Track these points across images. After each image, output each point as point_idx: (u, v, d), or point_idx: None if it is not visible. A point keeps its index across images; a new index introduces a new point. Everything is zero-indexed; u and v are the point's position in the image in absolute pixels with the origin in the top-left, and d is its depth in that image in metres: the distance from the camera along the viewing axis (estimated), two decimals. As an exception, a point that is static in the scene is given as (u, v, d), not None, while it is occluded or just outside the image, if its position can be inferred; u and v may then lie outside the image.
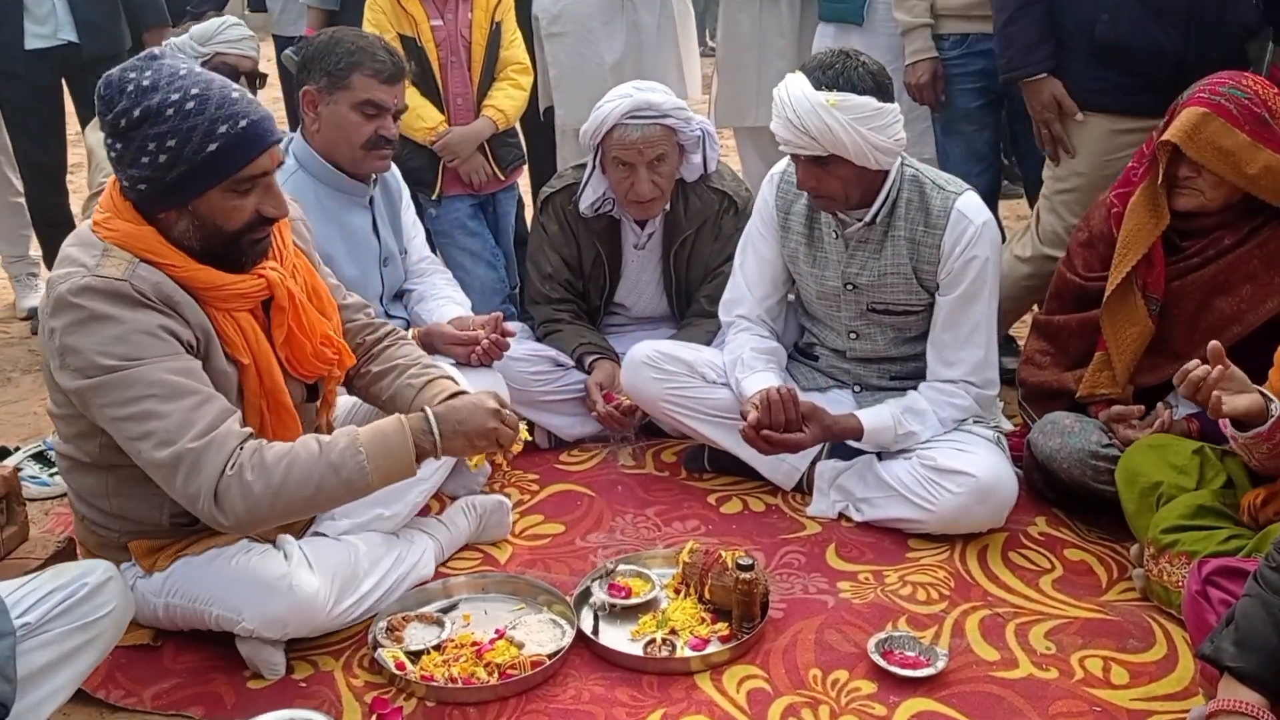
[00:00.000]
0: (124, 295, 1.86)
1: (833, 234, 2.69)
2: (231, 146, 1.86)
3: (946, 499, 2.51)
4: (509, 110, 3.61)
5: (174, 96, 1.84)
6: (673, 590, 2.35)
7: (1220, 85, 2.38)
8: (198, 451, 1.85)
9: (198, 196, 1.89)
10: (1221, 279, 2.47)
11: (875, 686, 2.09)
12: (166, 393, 1.85)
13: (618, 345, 3.19)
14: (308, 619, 2.11)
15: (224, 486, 1.85)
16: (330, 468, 1.91)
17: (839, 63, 2.47)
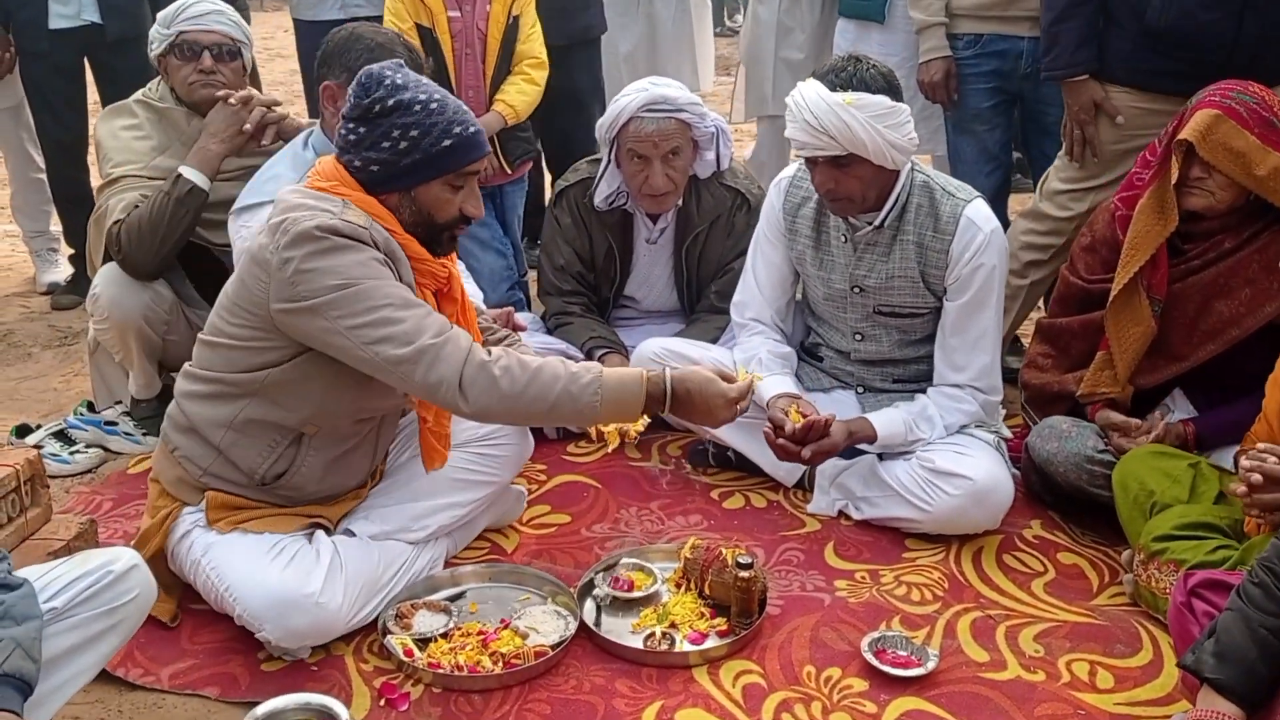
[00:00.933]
0: (364, 239, 2.08)
1: (841, 237, 2.74)
2: (462, 145, 2.14)
3: (944, 501, 2.57)
4: (519, 106, 3.64)
5: (421, 96, 2.12)
6: (674, 584, 2.42)
7: (1230, 90, 2.43)
8: (438, 346, 2.05)
9: (423, 184, 2.16)
10: (1221, 282, 2.52)
11: (867, 684, 2.16)
12: (401, 303, 2.07)
13: (627, 338, 3.25)
14: (326, 633, 2.21)
15: (470, 376, 2.05)
16: (569, 395, 2.09)
17: (850, 66, 2.52)
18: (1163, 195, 2.50)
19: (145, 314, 2.96)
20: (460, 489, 2.46)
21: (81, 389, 3.50)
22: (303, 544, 2.25)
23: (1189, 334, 2.56)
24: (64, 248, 4.45)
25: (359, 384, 2.20)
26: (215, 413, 2.23)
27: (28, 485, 2.34)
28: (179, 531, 2.27)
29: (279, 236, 2.08)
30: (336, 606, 2.19)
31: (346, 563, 2.25)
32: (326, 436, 2.28)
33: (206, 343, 2.25)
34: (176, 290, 3.08)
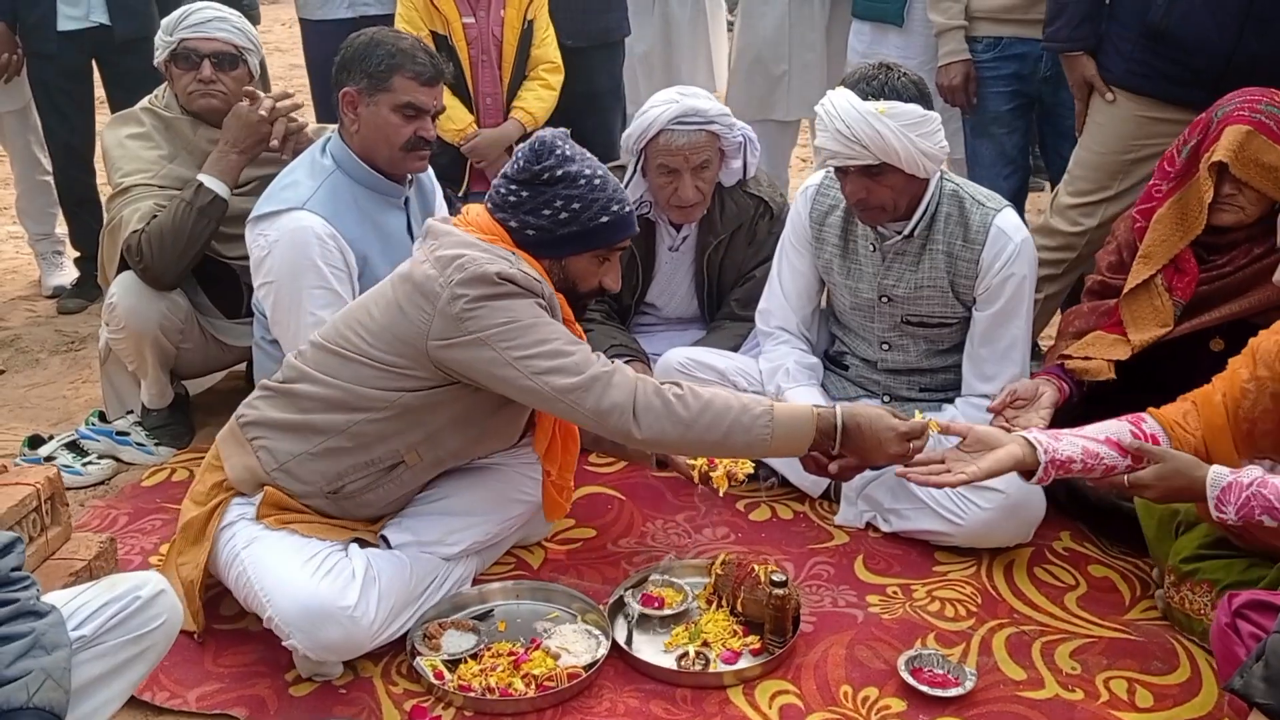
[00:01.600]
0: (537, 292, 2.17)
1: (870, 246, 2.71)
2: (618, 223, 2.24)
3: (975, 514, 2.54)
4: (538, 112, 3.60)
5: (586, 171, 2.22)
6: (704, 601, 2.39)
7: (1258, 102, 2.41)
8: (609, 374, 2.12)
9: (575, 255, 2.25)
10: (1244, 287, 2.51)
11: (905, 705, 2.13)
12: (568, 340, 2.16)
13: (647, 345, 3.21)
14: (356, 648, 2.17)
15: (644, 403, 2.10)
16: (741, 426, 2.12)
17: (881, 74, 2.49)
18: (1183, 207, 2.49)
19: (162, 323, 2.93)
20: (496, 506, 2.45)
21: (90, 396, 3.46)
22: (340, 555, 2.22)
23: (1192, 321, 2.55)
24: (69, 250, 4.39)
25: (484, 423, 2.28)
26: (329, 418, 2.23)
27: (48, 504, 2.31)
28: (224, 520, 2.25)
29: (452, 272, 2.12)
30: (369, 621, 2.15)
31: (380, 576, 2.21)
32: (422, 468, 2.31)
33: (334, 353, 2.24)
34: (192, 300, 3.04)
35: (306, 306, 2.62)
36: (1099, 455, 2.13)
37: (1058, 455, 2.12)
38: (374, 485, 2.28)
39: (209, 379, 3.45)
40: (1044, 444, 2.12)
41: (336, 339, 2.25)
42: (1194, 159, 2.48)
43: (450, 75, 2.94)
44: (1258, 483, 1.98)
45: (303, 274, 2.61)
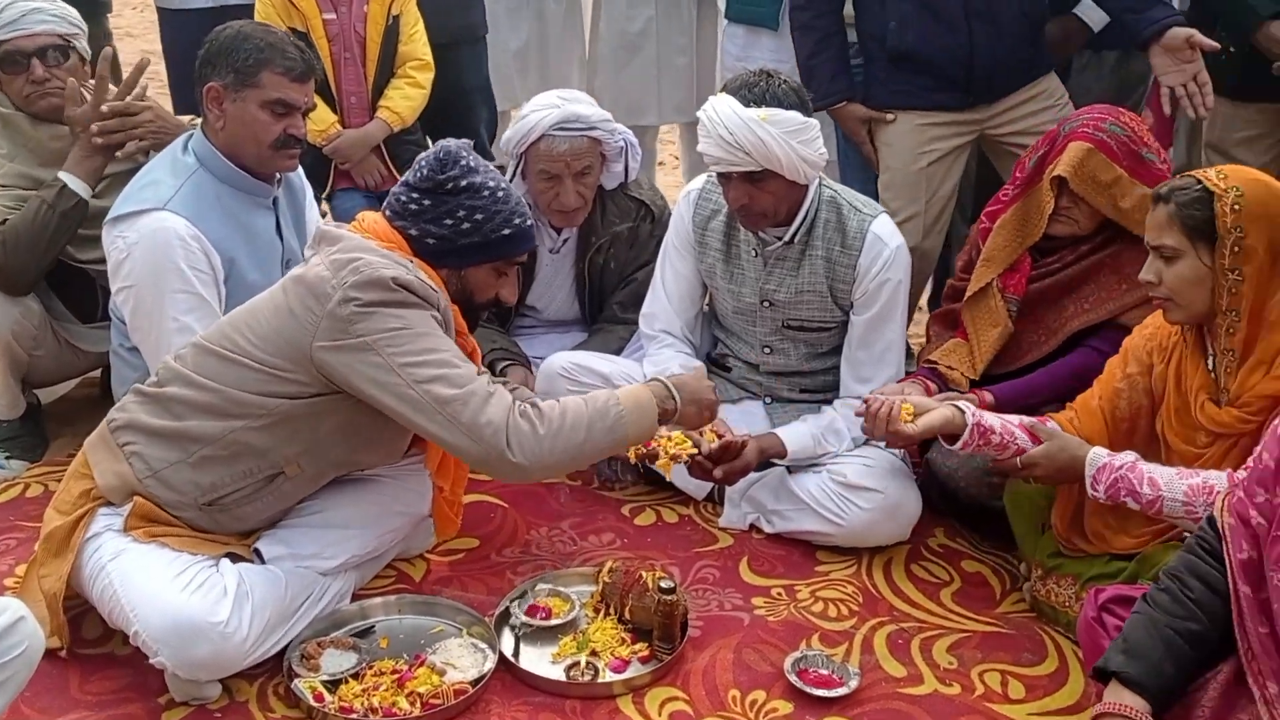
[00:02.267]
0: (433, 303, 2.14)
1: (751, 252, 2.73)
2: (519, 236, 2.25)
3: (856, 514, 2.59)
4: (405, 112, 3.52)
5: (490, 183, 2.22)
6: (592, 609, 2.37)
7: (1102, 121, 2.51)
8: (487, 392, 2.10)
9: (475, 265, 2.24)
10: (1075, 284, 2.62)
11: (792, 707, 2.16)
12: (457, 356, 2.14)
13: (528, 348, 3.18)
14: (227, 665, 2.08)
15: (514, 424, 2.08)
16: (597, 414, 2.16)
17: (763, 81, 2.51)
18: (1025, 214, 2.61)
19: (14, 329, 2.77)
20: (376, 518, 2.37)
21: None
22: (211, 570, 2.12)
23: (1037, 328, 2.67)
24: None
25: (368, 435, 2.22)
26: (205, 425, 2.15)
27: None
28: (90, 531, 2.13)
29: (347, 274, 2.08)
30: (241, 638, 2.07)
31: (253, 591, 2.12)
32: (303, 480, 2.24)
33: (217, 355, 2.17)
34: (45, 304, 2.87)
35: (169, 312, 2.49)
36: (1014, 434, 2.28)
37: (983, 422, 2.26)
38: (251, 497, 2.19)
39: (62, 387, 3.27)
40: (970, 410, 2.27)
41: (221, 340, 2.18)
42: (1040, 169, 2.58)
43: (322, 71, 2.85)
44: (1127, 466, 2.12)
45: (164, 278, 2.49)
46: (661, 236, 2.97)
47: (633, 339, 3.10)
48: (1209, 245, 2.05)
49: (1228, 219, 2.02)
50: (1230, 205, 2.02)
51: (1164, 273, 2.10)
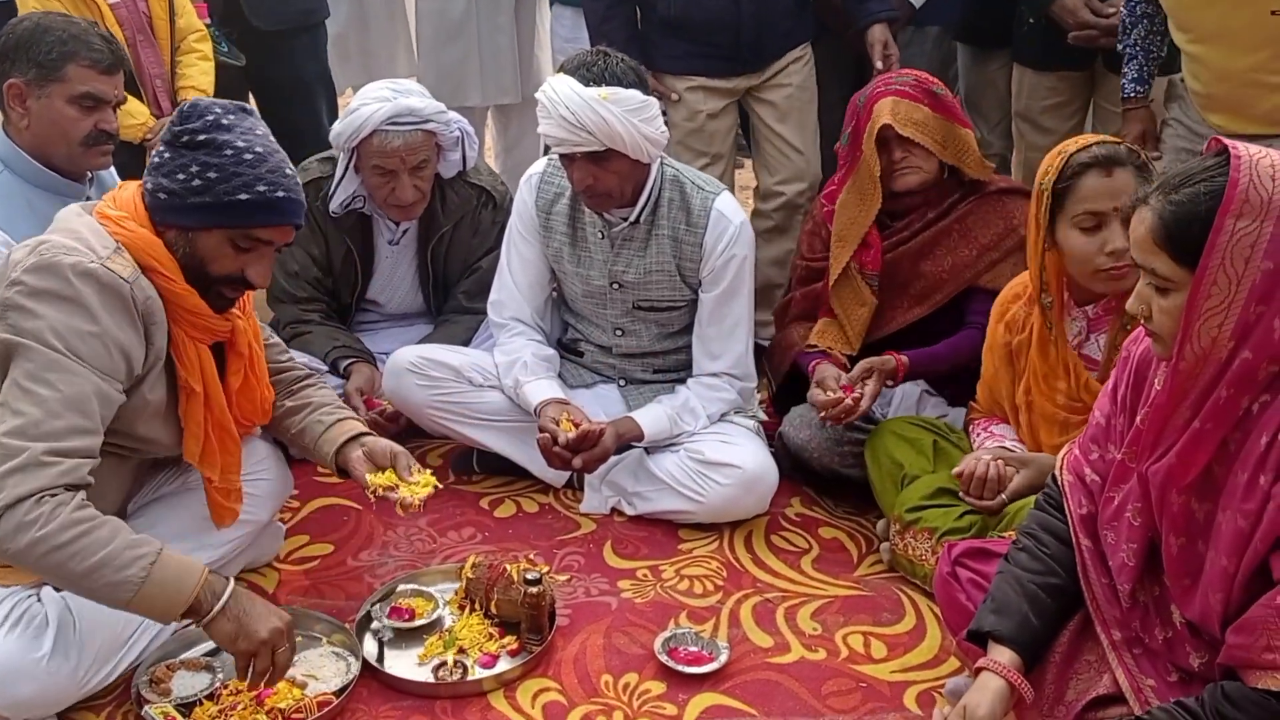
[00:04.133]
0: (119, 295, 1.90)
1: (598, 234, 2.71)
2: (257, 204, 1.97)
3: (716, 490, 2.61)
4: (207, 86, 3.35)
5: (239, 143, 1.96)
6: (456, 607, 2.32)
7: (890, 79, 2.67)
8: (31, 461, 1.79)
9: (202, 229, 1.98)
10: (928, 248, 2.73)
11: (665, 686, 2.16)
12: (67, 401, 1.84)
13: (371, 344, 3.08)
14: (56, 703, 1.96)
15: (22, 509, 1.77)
16: (104, 579, 1.80)
17: (600, 60, 2.50)
18: (859, 187, 2.69)
19: None
20: (210, 526, 2.24)
21: None
22: (31, 601, 1.97)
23: (903, 297, 2.77)
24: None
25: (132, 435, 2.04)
26: None
27: None
28: None
29: (30, 255, 1.88)
30: (70, 671, 1.94)
31: (80, 619, 1.98)
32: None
33: None
34: None
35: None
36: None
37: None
38: None
39: None
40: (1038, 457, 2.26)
41: None
42: (855, 142, 2.67)
43: (130, 62, 2.68)
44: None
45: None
46: (504, 222, 2.93)
47: (481, 328, 3.05)
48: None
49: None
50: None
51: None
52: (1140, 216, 1.54)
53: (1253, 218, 1.42)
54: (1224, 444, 1.53)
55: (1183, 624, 1.66)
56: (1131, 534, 1.65)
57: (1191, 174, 1.50)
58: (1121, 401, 1.74)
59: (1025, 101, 3.43)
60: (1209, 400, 1.50)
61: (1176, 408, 1.54)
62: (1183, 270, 1.49)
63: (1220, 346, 1.47)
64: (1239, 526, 1.50)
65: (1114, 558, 1.70)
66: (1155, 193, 1.52)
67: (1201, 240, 1.44)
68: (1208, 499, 1.57)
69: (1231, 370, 1.48)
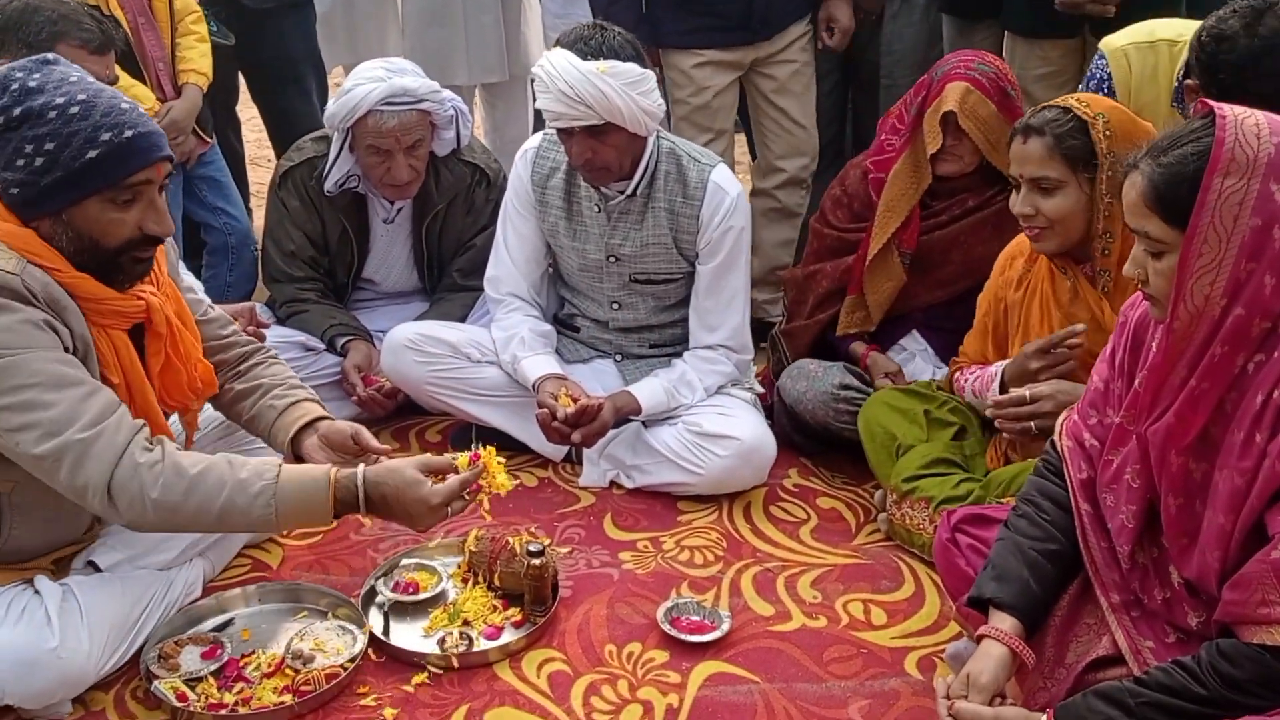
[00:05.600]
0: (14, 290, 1.76)
1: (594, 207, 2.72)
2: (112, 155, 1.79)
3: (714, 462, 2.63)
4: (207, 69, 3.35)
5: (58, 100, 1.77)
6: (460, 580, 2.34)
7: (972, 62, 2.61)
8: (86, 442, 1.76)
9: (72, 205, 1.81)
10: (962, 238, 2.73)
11: (668, 654, 2.18)
12: (53, 382, 1.77)
13: (368, 322, 3.09)
14: (78, 685, 1.96)
15: (121, 480, 1.78)
16: (237, 508, 1.84)
17: (597, 34, 2.50)
18: (916, 160, 2.67)
19: None
20: None
21: None
22: (29, 596, 1.97)
23: (927, 280, 2.78)
24: None
25: None
26: None
27: None
28: None
29: None
30: (84, 656, 1.94)
31: (86, 606, 1.99)
32: (32, 492, 1.92)
33: None
34: None
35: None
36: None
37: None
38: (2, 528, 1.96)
39: None
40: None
41: None
42: (919, 115, 2.66)
43: (121, 42, 2.67)
44: None
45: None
46: (498, 200, 2.93)
47: (477, 305, 3.06)
48: (1089, 173, 2.16)
49: (1103, 144, 2.12)
50: (1103, 131, 2.13)
51: (1042, 204, 2.18)
52: (1131, 181, 1.56)
53: (1240, 175, 1.44)
54: (1220, 404, 1.55)
55: (1181, 584, 1.68)
56: (1130, 496, 1.67)
57: (1179, 136, 1.53)
58: (1120, 366, 1.76)
59: (1018, 71, 3.40)
60: (1204, 359, 1.52)
61: (1173, 368, 1.56)
62: (1174, 231, 1.51)
63: (1213, 304, 1.49)
64: (1236, 484, 1.53)
65: (1113, 520, 1.72)
66: (1145, 157, 1.55)
67: (1191, 200, 1.47)
68: (1205, 459, 1.59)
69: (1225, 328, 1.50)
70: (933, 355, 2.83)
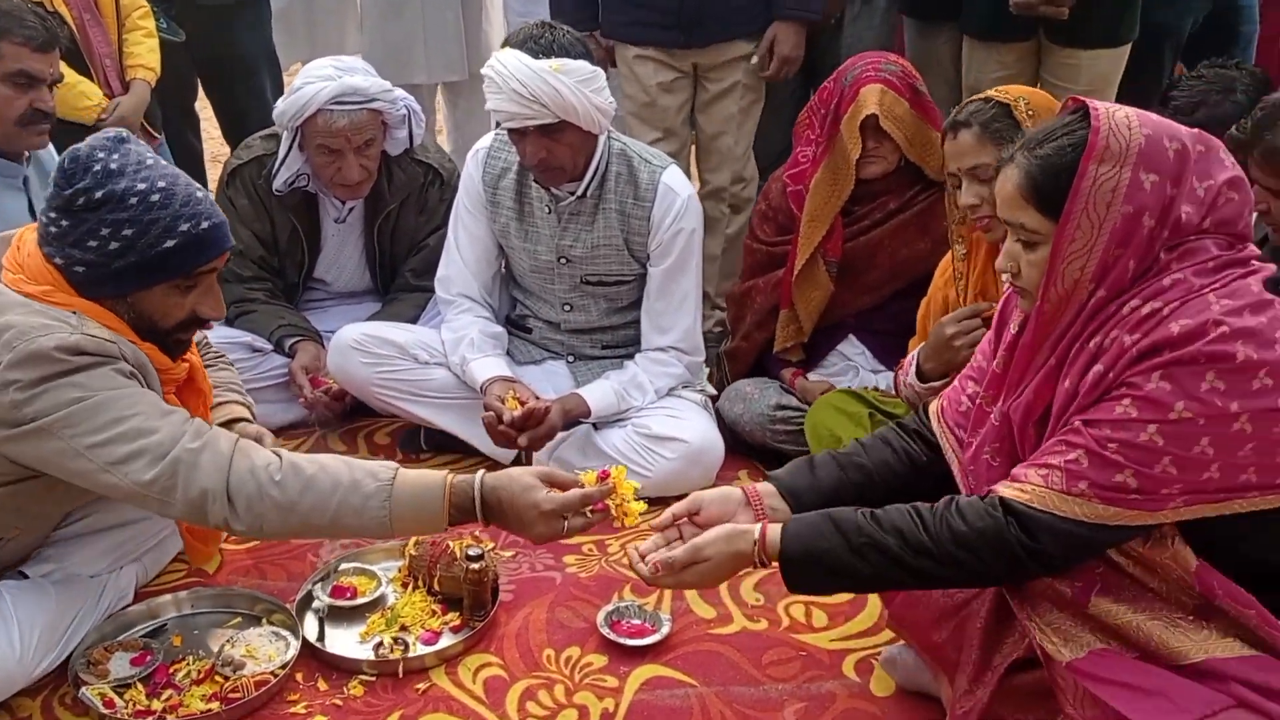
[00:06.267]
0: (112, 355, 1.79)
1: (545, 208, 2.70)
2: (189, 246, 1.83)
3: (662, 464, 2.62)
4: (155, 65, 3.32)
5: (140, 185, 1.79)
6: (400, 584, 2.32)
7: (879, 63, 2.63)
8: (196, 452, 1.77)
9: (143, 290, 1.84)
10: (887, 241, 2.74)
11: (606, 659, 2.17)
12: (154, 410, 1.79)
13: (319, 323, 3.07)
14: (5, 689, 1.94)
15: (237, 483, 1.77)
16: (350, 508, 1.81)
17: (547, 33, 2.49)
18: (835, 168, 2.68)
19: None
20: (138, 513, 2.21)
21: None
22: None
23: (855, 287, 2.78)
24: None
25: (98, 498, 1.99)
26: None
27: None
28: None
29: (3, 351, 1.74)
30: (13, 661, 1.93)
31: (17, 611, 1.97)
32: (27, 537, 2.03)
33: None
34: None
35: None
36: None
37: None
38: None
39: None
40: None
41: None
42: (835, 122, 2.66)
43: (66, 39, 2.64)
44: None
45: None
46: (451, 200, 2.91)
47: (429, 306, 3.04)
48: None
49: (1027, 123, 2.16)
50: (1025, 111, 2.17)
51: (985, 192, 2.20)
52: (1006, 174, 1.58)
53: (1113, 164, 1.47)
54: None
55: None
56: (990, 475, 1.68)
57: (1052, 130, 1.56)
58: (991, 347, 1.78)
59: (975, 75, 3.40)
60: (1065, 339, 1.55)
61: (1040, 348, 1.58)
62: (1049, 222, 1.53)
63: (1081, 288, 1.52)
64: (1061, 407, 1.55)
65: None
66: (1019, 150, 1.57)
67: (1067, 190, 1.49)
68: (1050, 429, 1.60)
69: (1086, 309, 1.53)
70: (871, 359, 2.83)
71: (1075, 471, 1.50)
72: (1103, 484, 1.49)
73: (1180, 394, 1.44)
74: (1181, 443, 1.44)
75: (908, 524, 1.58)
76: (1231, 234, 1.52)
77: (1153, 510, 1.49)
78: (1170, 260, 1.49)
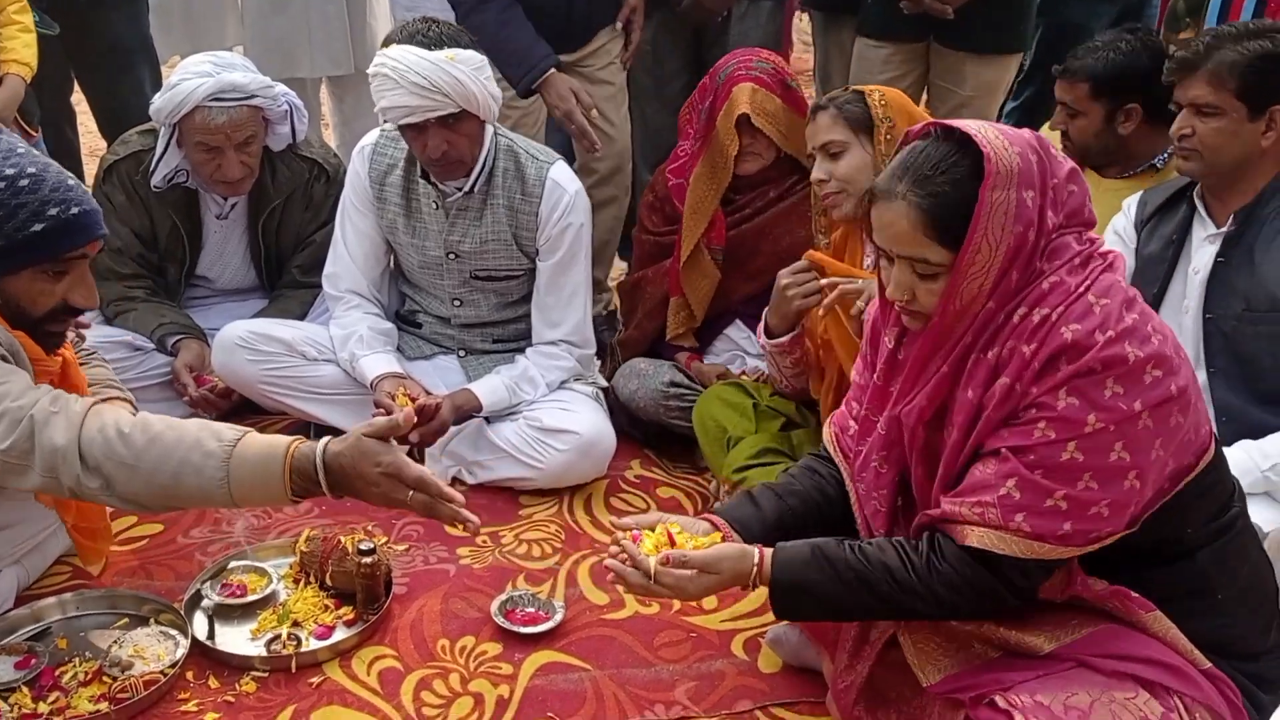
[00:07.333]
0: None
1: (432, 204, 2.72)
2: (56, 229, 1.83)
3: (554, 456, 2.66)
4: (32, 60, 3.21)
5: (9, 171, 1.81)
6: (291, 581, 2.31)
7: (750, 61, 2.73)
8: (48, 412, 1.78)
9: (9, 274, 1.85)
10: (769, 228, 2.83)
11: (501, 647, 2.21)
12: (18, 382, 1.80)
13: (203, 320, 3.02)
14: None
15: (88, 440, 1.77)
16: (192, 467, 1.77)
17: (432, 27, 2.52)
18: (713, 162, 2.77)
19: None
20: (21, 506, 2.14)
21: None
22: None
23: (742, 274, 2.87)
24: None
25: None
26: None
27: None
28: None
29: None
30: None
31: None
32: None
33: None
34: None
35: None
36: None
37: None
38: None
39: None
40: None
41: None
42: (710, 119, 2.74)
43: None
44: None
45: None
46: (338, 195, 2.90)
47: (316, 302, 3.02)
48: (869, 134, 2.34)
49: (879, 110, 2.33)
50: (879, 101, 2.34)
51: (834, 167, 2.35)
52: (896, 211, 1.58)
53: (1004, 187, 1.53)
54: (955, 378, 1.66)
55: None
56: (879, 481, 1.77)
57: (936, 163, 1.57)
58: (867, 362, 1.86)
59: (863, 74, 3.42)
60: (957, 349, 1.62)
61: (933, 356, 1.65)
62: (950, 253, 1.57)
63: (978, 303, 1.59)
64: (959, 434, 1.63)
65: (867, 506, 1.81)
66: (906, 187, 1.58)
67: (966, 220, 1.54)
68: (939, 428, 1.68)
69: (978, 321, 1.60)
70: (756, 344, 2.92)
71: (1011, 504, 1.55)
72: (1038, 509, 1.54)
73: (1089, 406, 1.51)
74: (1099, 454, 1.51)
75: (896, 564, 1.64)
76: (1080, 223, 1.62)
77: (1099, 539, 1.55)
78: (1042, 264, 1.57)
